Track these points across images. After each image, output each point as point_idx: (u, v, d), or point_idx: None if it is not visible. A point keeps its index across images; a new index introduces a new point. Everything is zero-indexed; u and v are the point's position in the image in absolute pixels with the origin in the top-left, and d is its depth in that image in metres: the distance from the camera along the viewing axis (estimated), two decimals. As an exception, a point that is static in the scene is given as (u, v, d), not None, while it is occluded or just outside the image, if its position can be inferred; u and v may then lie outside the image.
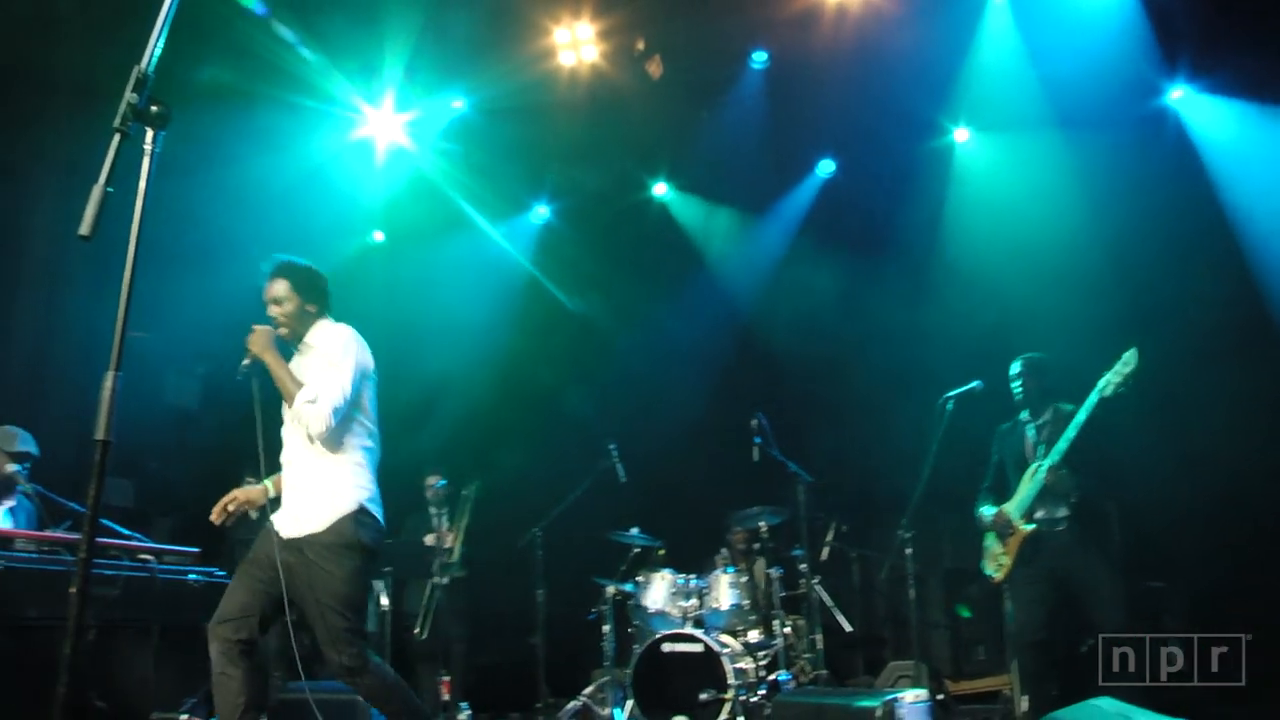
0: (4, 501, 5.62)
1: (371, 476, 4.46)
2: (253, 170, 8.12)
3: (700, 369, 9.96)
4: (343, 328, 4.49)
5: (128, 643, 4.77)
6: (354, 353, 4.36)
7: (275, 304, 4.44)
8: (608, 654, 7.48)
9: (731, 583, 7.31)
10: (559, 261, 10.36)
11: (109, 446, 2.32)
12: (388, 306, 9.66)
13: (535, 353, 10.02)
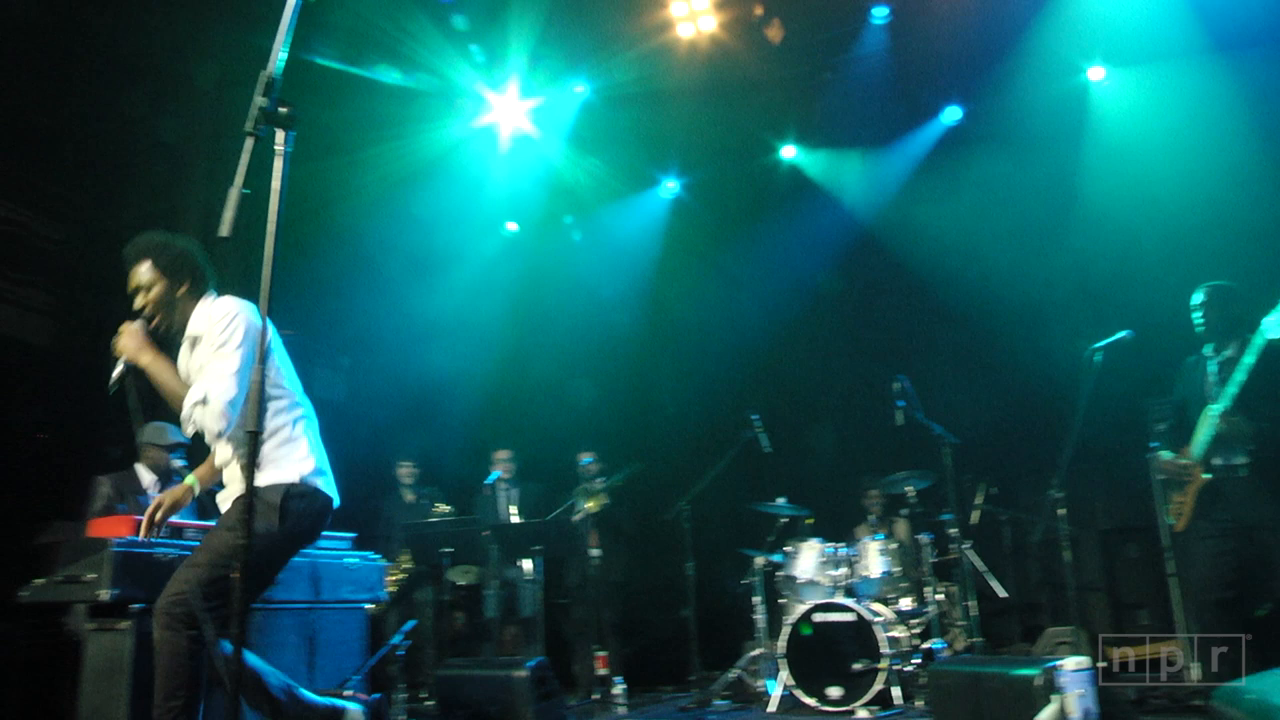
0: (168, 495, 5.92)
1: (309, 446, 3.91)
2: (376, 160, 8.35)
3: (839, 333, 9.88)
4: (222, 301, 3.89)
5: (287, 622, 4.98)
6: (238, 327, 3.76)
7: (142, 291, 3.94)
8: (759, 626, 7.50)
9: (881, 550, 7.24)
10: (691, 233, 10.37)
11: (258, 437, 2.43)
12: (523, 293, 9.86)
13: (672, 327, 10.08)
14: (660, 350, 10.05)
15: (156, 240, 3.96)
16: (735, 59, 8.65)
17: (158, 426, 6.03)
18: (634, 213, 10.36)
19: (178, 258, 3.94)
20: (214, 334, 3.75)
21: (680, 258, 10.35)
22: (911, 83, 9.05)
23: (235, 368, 3.67)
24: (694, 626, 7.82)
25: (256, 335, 3.66)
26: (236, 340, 3.72)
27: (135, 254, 3.95)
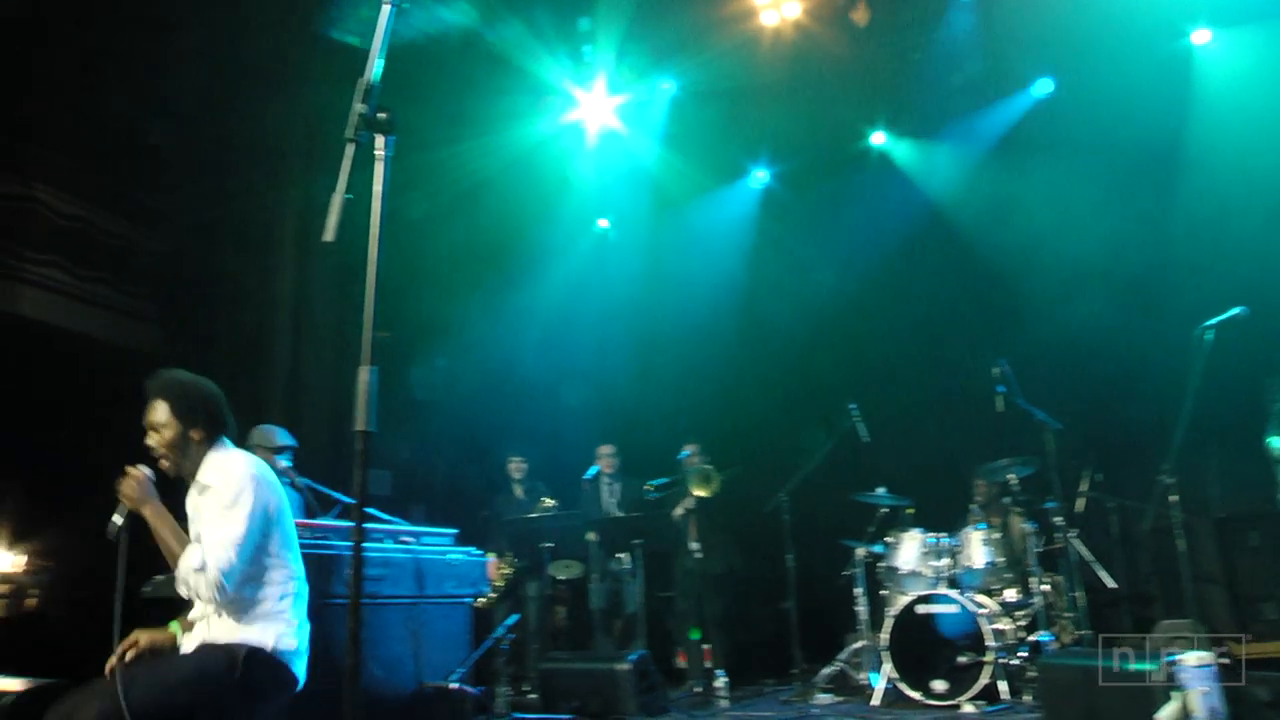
0: (275, 496, 6.09)
1: (293, 625, 3.69)
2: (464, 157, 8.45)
3: (937, 318, 9.70)
4: (236, 460, 3.69)
5: (395, 617, 5.09)
6: (248, 491, 3.58)
7: (154, 431, 3.70)
8: (861, 618, 7.44)
9: (984, 540, 7.12)
10: (783, 222, 10.31)
11: (369, 436, 2.48)
12: (616, 289, 9.91)
13: (767, 317, 10.02)
14: (756, 341, 10.01)
15: (177, 380, 3.79)
16: (821, 45, 8.56)
17: (266, 430, 6.21)
18: (724, 204, 10.35)
19: (196, 401, 3.75)
20: (223, 493, 3.58)
21: (773, 247, 10.29)
22: (1000, 57, 8.86)
23: (239, 537, 3.50)
24: (795, 619, 7.80)
25: (268, 498, 3.65)
26: (245, 507, 3.55)
27: (154, 391, 3.76)
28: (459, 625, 5.51)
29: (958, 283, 9.73)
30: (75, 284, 8.60)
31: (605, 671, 6.44)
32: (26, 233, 8.31)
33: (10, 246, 8.20)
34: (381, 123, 2.69)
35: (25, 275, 8.31)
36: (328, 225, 2.57)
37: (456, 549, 5.57)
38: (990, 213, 9.35)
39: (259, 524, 3.59)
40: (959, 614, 6.61)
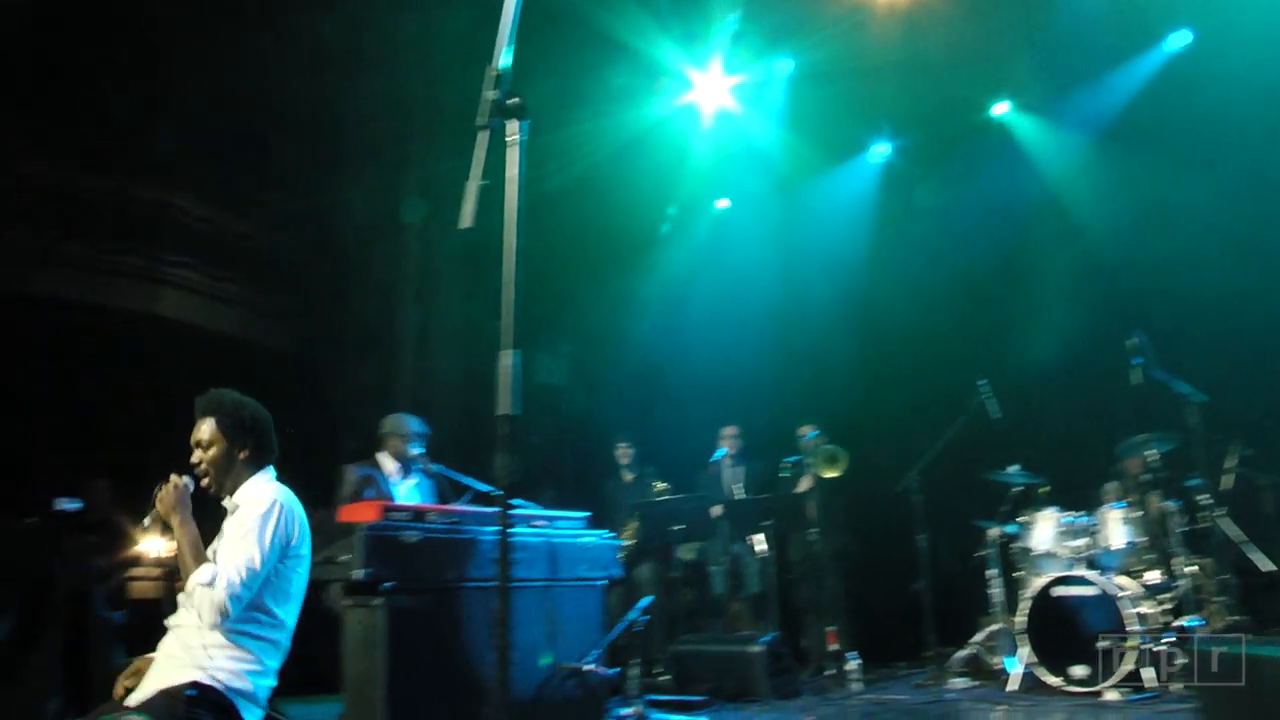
0: (408, 480, 6.27)
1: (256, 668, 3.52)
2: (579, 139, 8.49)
3: (1066, 288, 9.37)
4: (268, 489, 3.66)
5: (531, 600, 5.17)
6: (271, 522, 3.52)
7: (199, 448, 3.69)
8: (995, 600, 7.29)
9: (1124, 519, 6.88)
10: (904, 197, 10.12)
11: (512, 420, 2.51)
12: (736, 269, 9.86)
13: (891, 293, 9.85)
14: (879, 318, 9.84)
15: (228, 400, 3.76)
16: (938, 14, 8.35)
17: (398, 417, 6.36)
18: (843, 180, 10.18)
19: (244, 423, 3.73)
20: (248, 517, 3.54)
21: (894, 221, 10.09)
22: (1128, 13, 8.48)
23: (254, 564, 3.44)
24: (928, 601, 7.67)
25: (290, 533, 3.59)
26: (266, 537, 3.49)
27: (203, 408, 3.74)
28: (592, 608, 5.55)
29: (1089, 252, 9.38)
30: (209, 284, 8.99)
31: (738, 654, 6.45)
32: (163, 236, 8.69)
33: (149, 250, 8.59)
34: (513, 108, 2.71)
35: (163, 276, 8.72)
36: (464, 212, 2.59)
37: (589, 532, 5.63)
38: (1120, 178, 9.01)
39: (274, 555, 3.53)
40: (1098, 596, 6.41)
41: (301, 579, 3.69)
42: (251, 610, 3.52)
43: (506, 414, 2.52)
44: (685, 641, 7.00)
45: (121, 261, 8.51)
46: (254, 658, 3.52)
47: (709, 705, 6.18)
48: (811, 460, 8.11)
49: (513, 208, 2.66)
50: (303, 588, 3.71)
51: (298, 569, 3.66)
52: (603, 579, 5.63)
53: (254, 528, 3.49)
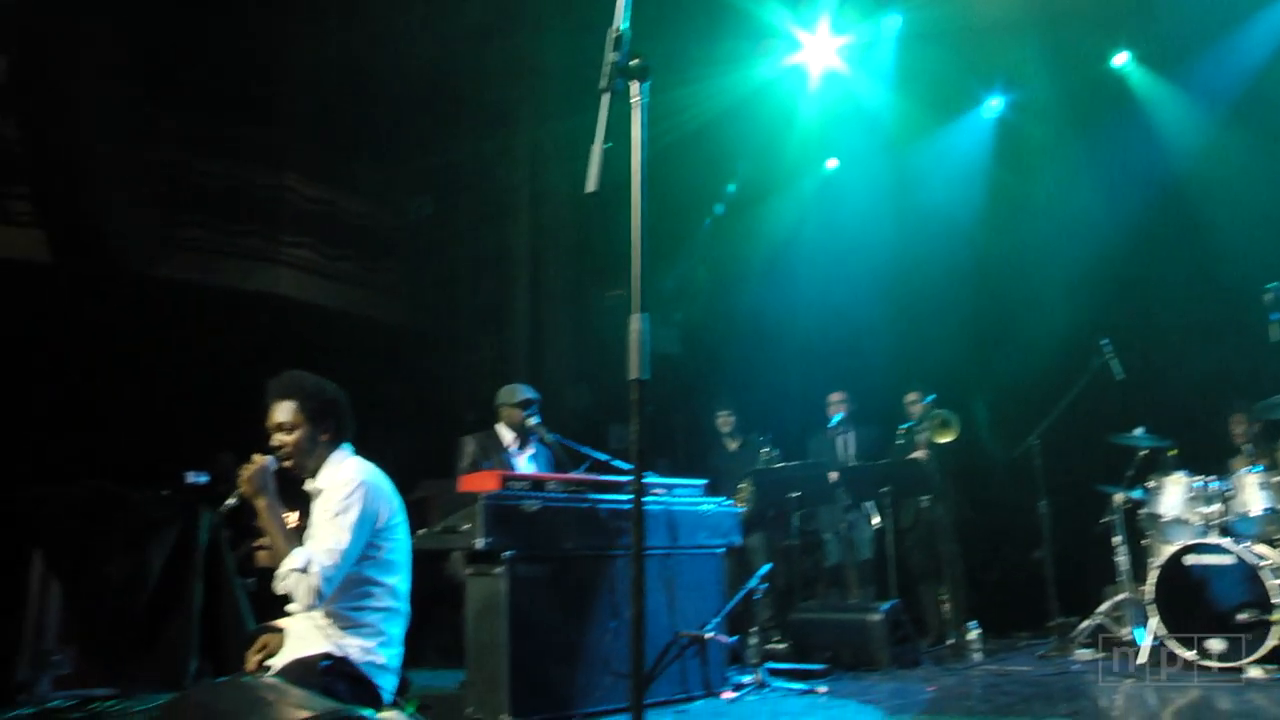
0: (525, 450, 6.31)
1: (384, 640, 3.64)
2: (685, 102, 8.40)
3: (1194, 241, 8.93)
4: (352, 467, 3.70)
5: (650, 568, 5.16)
6: (357, 502, 3.56)
7: (280, 431, 3.70)
8: (1121, 569, 7.04)
9: (1261, 483, 6.53)
10: (1022, 152, 9.77)
11: (644, 385, 2.48)
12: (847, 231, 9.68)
13: (1008, 252, 9.55)
14: (997, 278, 9.54)
15: (308, 383, 3.78)
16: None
17: (512, 387, 6.41)
18: (955, 137, 9.85)
19: (326, 405, 3.76)
20: (333, 499, 3.57)
21: (1012, 178, 9.74)
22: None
23: (344, 544, 3.48)
24: (1050, 569, 7.45)
25: (378, 508, 3.62)
26: (353, 516, 3.53)
27: (282, 391, 3.74)
28: (711, 575, 5.55)
29: (1222, 199, 8.93)
30: (325, 263, 9.17)
31: (857, 622, 6.36)
32: (279, 218, 8.89)
33: (266, 231, 8.80)
34: (635, 69, 2.68)
35: (280, 257, 8.92)
36: (589, 176, 2.57)
37: (707, 499, 5.61)
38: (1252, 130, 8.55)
39: (365, 533, 3.56)
40: (1235, 566, 6.09)
41: (402, 547, 3.74)
42: (362, 587, 3.59)
43: (637, 379, 2.48)
44: (803, 610, 6.93)
45: (239, 244, 8.73)
46: (377, 629, 3.62)
47: (827, 674, 6.10)
48: (924, 426, 7.94)
49: (637, 170, 2.61)
50: (407, 554, 3.76)
51: (394, 538, 3.69)
52: (721, 547, 5.61)
53: (342, 510, 3.53)
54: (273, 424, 3.71)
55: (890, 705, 5.13)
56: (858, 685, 5.79)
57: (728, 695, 5.41)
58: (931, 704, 5.10)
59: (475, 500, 4.70)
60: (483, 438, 6.25)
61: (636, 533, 2.33)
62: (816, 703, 5.25)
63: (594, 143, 2.61)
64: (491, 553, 4.72)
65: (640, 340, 2.49)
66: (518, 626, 4.66)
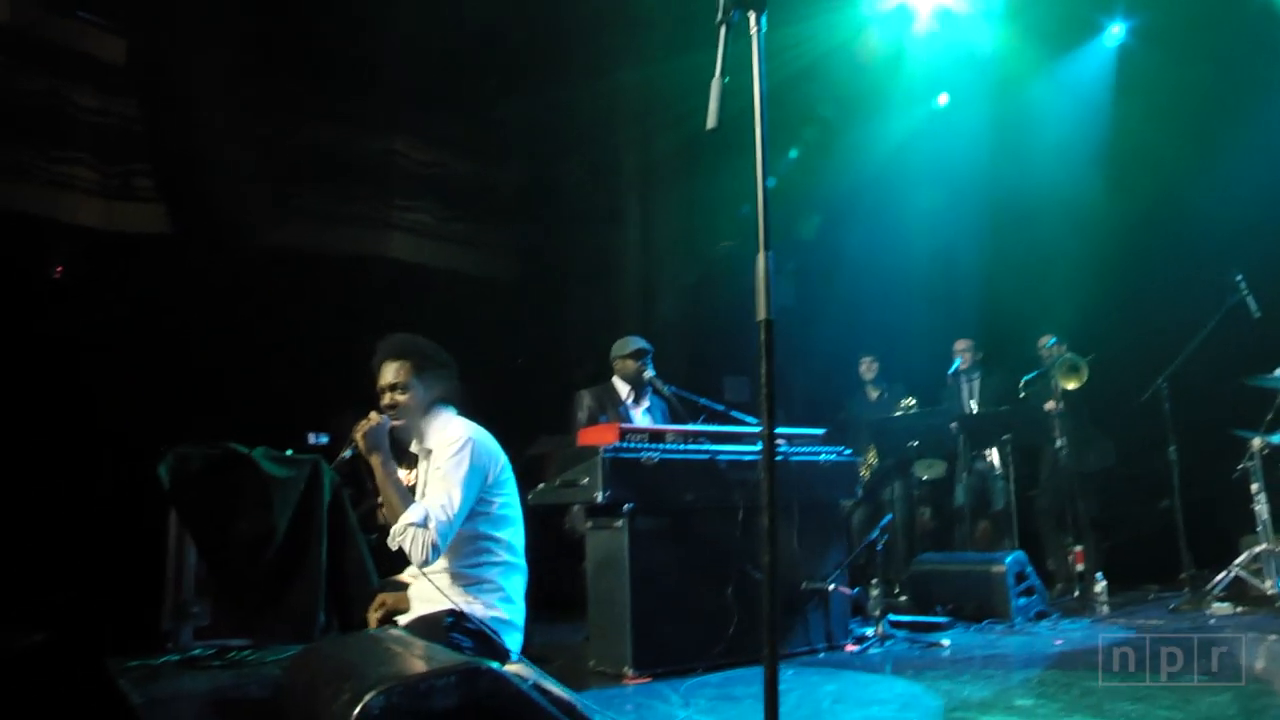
0: (641, 403, 6.25)
1: (504, 596, 3.67)
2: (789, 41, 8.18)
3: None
4: (458, 427, 3.73)
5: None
6: (466, 459, 3.59)
7: (392, 391, 3.74)
8: (1260, 518, 6.68)
9: None
10: (1147, 82, 9.25)
11: (772, 325, 2.37)
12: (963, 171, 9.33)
13: (1134, 188, 9.09)
14: (1123, 215, 9.07)
15: (419, 344, 3.82)
16: None
17: (623, 340, 6.35)
18: (1074, 68, 9.36)
19: (437, 364, 3.82)
20: (442, 457, 3.62)
21: (1136, 110, 9.23)
22: None
23: (456, 502, 3.52)
24: (1180, 519, 7.13)
25: (487, 465, 3.66)
26: (463, 472, 3.57)
27: (393, 351, 3.79)
28: (832, 527, 5.43)
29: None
30: (438, 225, 9.25)
31: (980, 573, 6.17)
32: (390, 182, 8.99)
33: (379, 196, 8.91)
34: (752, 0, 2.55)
35: (394, 221, 9.04)
36: (709, 112, 2.46)
37: (827, 450, 5.48)
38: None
39: (475, 489, 3.60)
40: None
41: (513, 502, 3.77)
42: (477, 544, 3.65)
43: (765, 319, 2.37)
44: (924, 561, 6.76)
45: (351, 209, 8.86)
46: (496, 585, 3.65)
47: (951, 626, 5.95)
48: (1053, 371, 7.63)
49: (758, 103, 2.49)
50: (518, 509, 3.80)
51: (503, 493, 3.74)
52: (842, 498, 5.49)
53: (453, 468, 3.57)
54: (384, 384, 3.75)
55: (1017, 659, 4.97)
56: (982, 638, 5.64)
57: (850, 648, 5.32)
58: (1060, 659, 4.91)
59: (594, 454, 4.67)
60: (598, 391, 6.22)
61: (769, 478, 2.24)
62: (940, 656, 5.11)
63: (712, 78, 2.50)
64: (611, 506, 4.69)
65: (767, 278, 2.37)
66: (638, 579, 4.63)
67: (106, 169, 7.66)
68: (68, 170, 7.49)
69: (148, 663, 5.10)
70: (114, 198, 7.68)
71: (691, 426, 5.25)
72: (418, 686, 2.06)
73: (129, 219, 7.67)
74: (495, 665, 2.28)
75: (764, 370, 2.31)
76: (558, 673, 4.37)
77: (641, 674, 4.56)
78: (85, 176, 7.58)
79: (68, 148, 7.49)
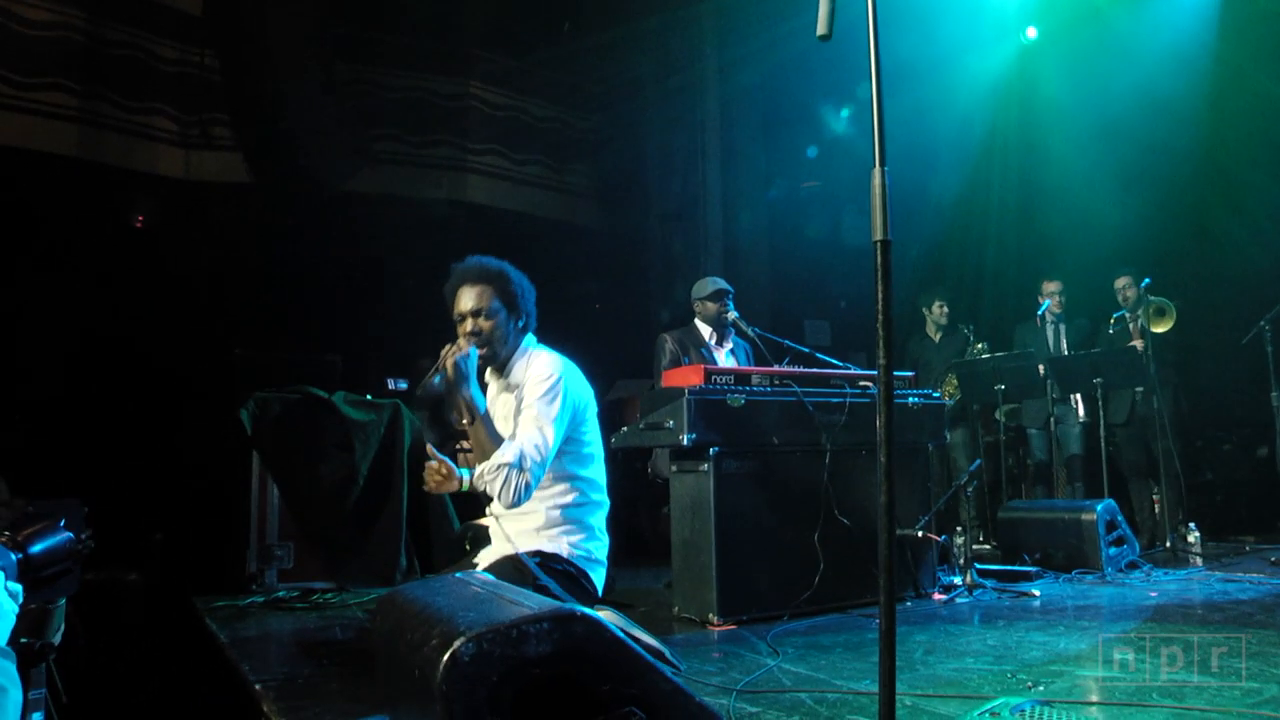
0: (724, 345, 6.06)
1: (591, 534, 3.52)
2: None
3: None
4: (548, 360, 3.51)
5: (859, 464, 4.86)
6: (559, 395, 3.40)
7: (475, 317, 3.50)
8: (1371, 466, 6.33)
9: None
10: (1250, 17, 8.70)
11: (889, 247, 2.15)
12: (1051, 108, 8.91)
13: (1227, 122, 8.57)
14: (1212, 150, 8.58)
15: (503, 269, 3.57)
16: None
17: (704, 281, 6.16)
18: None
19: (522, 289, 3.57)
20: (534, 394, 3.40)
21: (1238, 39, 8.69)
22: None
23: (550, 441, 3.34)
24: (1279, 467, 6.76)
25: (576, 399, 3.48)
26: (555, 409, 3.38)
27: (473, 276, 3.54)
28: (919, 472, 5.21)
29: None
30: (513, 168, 9.15)
31: (1070, 521, 5.89)
32: (466, 127, 8.89)
33: (455, 141, 8.82)
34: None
35: (469, 165, 8.96)
36: (820, 18, 2.24)
37: (914, 392, 5.24)
38: None
39: (565, 427, 3.41)
40: None
41: (596, 439, 3.62)
42: (563, 482, 3.48)
43: (882, 239, 2.15)
44: (1011, 508, 6.49)
45: (427, 154, 8.80)
46: (582, 523, 3.51)
47: (1040, 576, 5.69)
48: (1139, 313, 7.25)
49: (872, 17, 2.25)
50: (600, 445, 3.64)
51: (586, 430, 3.56)
52: (928, 442, 5.25)
53: (545, 405, 3.38)
54: (464, 310, 3.51)
55: (1110, 611, 4.71)
56: (1073, 589, 5.37)
57: (938, 597, 5.10)
58: (1157, 611, 4.64)
59: (679, 396, 4.48)
60: (681, 334, 6.04)
61: (885, 412, 2.03)
62: (1031, 606, 4.87)
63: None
64: (697, 449, 4.52)
65: (884, 196, 2.14)
66: (724, 524, 4.46)
67: (186, 119, 7.66)
68: (147, 120, 7.53)
69: (234, 603, 5.10)
70: (193, 147, 7.67)
71: (777, 369, 5.03)
72: (510, 633, 1.91)
73: (208, 168, 7.69)
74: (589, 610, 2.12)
75: (880, 295, 2.09)
76: (641, 619, 4.26)
77: (726, 621, 4.41)
78: (164, 127, 7.60)
79: (147, 98, 7.51)
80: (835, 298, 8.90)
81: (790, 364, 5.27)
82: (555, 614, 2.05)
